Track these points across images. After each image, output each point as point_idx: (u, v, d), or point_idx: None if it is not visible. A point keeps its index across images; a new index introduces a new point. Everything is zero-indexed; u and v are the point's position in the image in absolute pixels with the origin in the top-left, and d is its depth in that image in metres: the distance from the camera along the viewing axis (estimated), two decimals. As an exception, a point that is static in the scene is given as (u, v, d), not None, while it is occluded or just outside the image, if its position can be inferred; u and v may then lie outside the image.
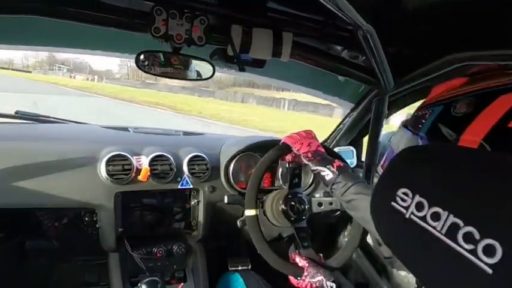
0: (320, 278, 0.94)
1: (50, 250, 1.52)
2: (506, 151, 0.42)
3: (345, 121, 1.79)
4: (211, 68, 1.15)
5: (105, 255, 1.43)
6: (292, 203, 1.12)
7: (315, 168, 0.99)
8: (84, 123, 1.74)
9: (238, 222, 1.14)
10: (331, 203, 1.18)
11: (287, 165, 1.16)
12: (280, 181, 1.53)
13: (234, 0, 0.96)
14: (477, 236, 0.29)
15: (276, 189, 1.24)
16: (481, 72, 0.51)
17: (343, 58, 1.19)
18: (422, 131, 0.53)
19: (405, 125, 0.58)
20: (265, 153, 1.10)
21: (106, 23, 0.94)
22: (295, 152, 1.05)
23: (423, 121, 0.53)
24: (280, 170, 1.50)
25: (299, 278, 0.97)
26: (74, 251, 1.62)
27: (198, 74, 1.19)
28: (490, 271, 0.27)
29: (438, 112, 0.51)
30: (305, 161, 1.02)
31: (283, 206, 1.13)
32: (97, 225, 1.33)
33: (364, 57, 1.15)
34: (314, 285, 0.95)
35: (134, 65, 1.05)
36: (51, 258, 1.60)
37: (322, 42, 1.12)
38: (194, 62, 1.14)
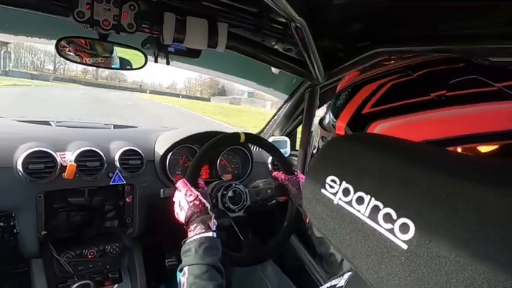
0: (207, 204, 0.92)
1: None
2: None
3: (279, 112, 1.85)
4: (142, 57, 1.10)
5: (26, 263, 1.29)
6: (231, 194, 1.13)
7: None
8: None
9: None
10: (268, 190, 1.21)
11: (271, 184, 1.22)
12: (219, 172, 1.53)
13: (166, -14, 0.92)
14: (394, 216, 0.32)
15: (214, 181, 1.24)
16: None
17: (277, 50, 1.21)
18: (324, 122, 0.59)
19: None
20: (202, 145, 1.09)
21: (23, 5, 0.84)
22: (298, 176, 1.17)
23: (326, 114, 0.58)
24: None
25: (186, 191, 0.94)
26: None
27: (128, 63, 1.12)
28: (405, 246, 0.31)
29: (332, 104, 0.57)
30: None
31: (222, 198, 1.13)
32: (15, 230, 1.19)
33: (297, 50, 1.19)
34: (197, 202, 0.91)
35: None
36: None
37: (257, 34, 1.13)
38: (124, 50, 1.07)
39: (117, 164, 1.31)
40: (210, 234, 0.84)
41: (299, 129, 1.85)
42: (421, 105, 0.42)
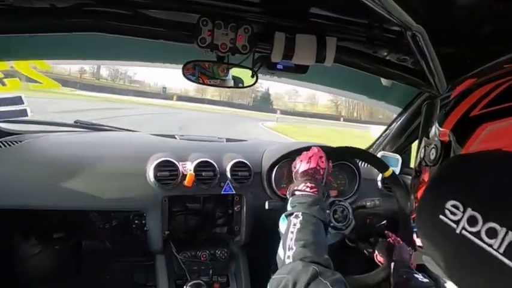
0: (324, 180, 0.99)
1: (103, 250, 1.62)
2: (464, 139, 0.42)
3: (391, 126, 1.72)
4: (253, 75, 1.16)
5: (152, 257, 1.49)
6: (336, 209, 1.09)
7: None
8: (134, 131, 1.83)
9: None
10: (372, 239, 1.11)
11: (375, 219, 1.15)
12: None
13: (277, 8, 0.96)
14: None
15: None
16: None
17: (389, 61, 1.14)
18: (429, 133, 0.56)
19: None
20: None
21: (154, 36, 0.99)
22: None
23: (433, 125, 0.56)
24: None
25: None
26: (124, 252, 1.71)
27: (240, 81, 1.20)
28: None
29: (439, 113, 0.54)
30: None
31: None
32: (145, 228, 1.39)
33: (412, 60, 1.10)
34: (322, 172, 0.99)
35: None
36: (104, 258, 1.70)
37: (367, 46, 1.08)
38: (237, 70, 1.15)
39: (228, 174, 1.41)
40: (323, 199, 0.93)
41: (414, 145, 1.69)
42: None
